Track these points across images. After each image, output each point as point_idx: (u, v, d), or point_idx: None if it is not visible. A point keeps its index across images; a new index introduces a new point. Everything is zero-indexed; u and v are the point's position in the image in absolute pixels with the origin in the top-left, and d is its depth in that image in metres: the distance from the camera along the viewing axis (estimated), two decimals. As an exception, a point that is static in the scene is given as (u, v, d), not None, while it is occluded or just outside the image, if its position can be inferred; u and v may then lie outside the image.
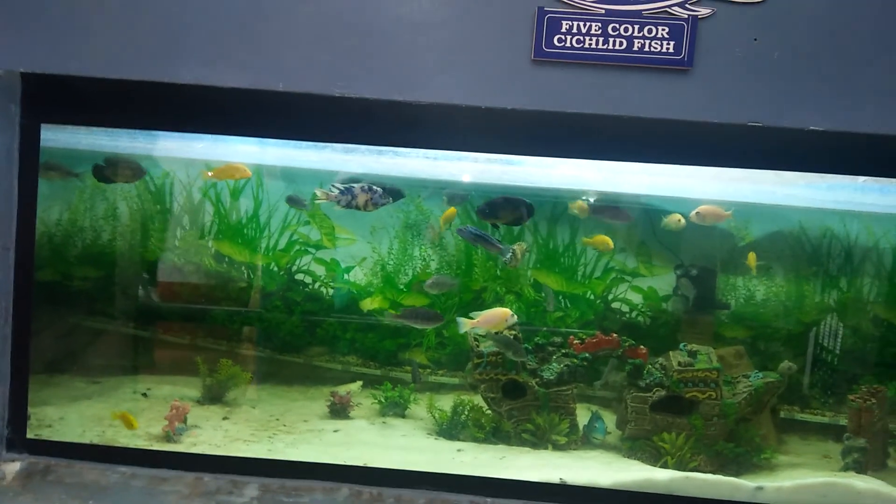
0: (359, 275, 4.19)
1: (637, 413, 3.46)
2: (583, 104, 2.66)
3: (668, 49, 2.60)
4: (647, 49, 2.61)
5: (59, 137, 3.15)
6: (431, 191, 3.96)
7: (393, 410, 3.77)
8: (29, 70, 2.76)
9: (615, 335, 3.62)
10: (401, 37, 2.66)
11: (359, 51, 2.67)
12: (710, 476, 3.21)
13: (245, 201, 4.13)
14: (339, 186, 3.17)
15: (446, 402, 3.66)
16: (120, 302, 4.01)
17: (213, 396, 3.75)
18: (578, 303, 4.17)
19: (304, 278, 4.24)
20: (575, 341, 3.63)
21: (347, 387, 3.88)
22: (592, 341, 3.62)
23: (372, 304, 4.11)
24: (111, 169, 3.66)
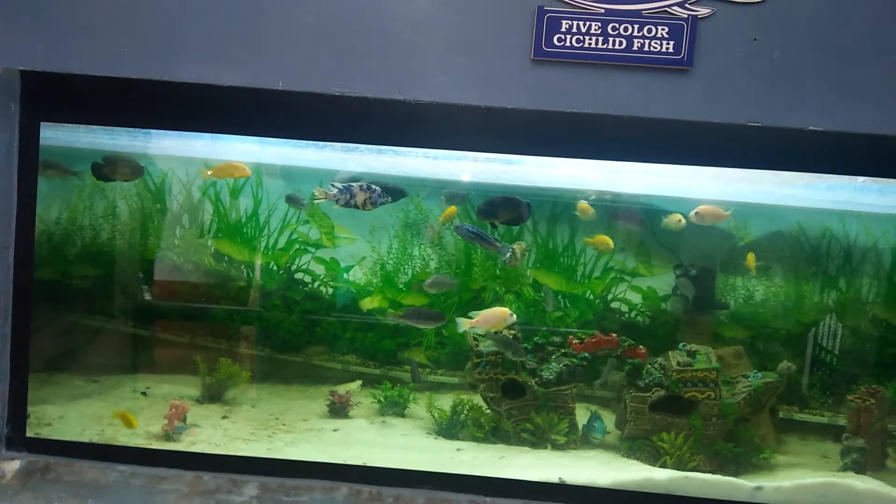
0: (358, 274, 4.18)
1: (636, 413, 3.46)
2: (583, 104, 2.66)
3: (668, 49, 2.60)
4: (647, 49, 2.61)
5: (59, 136, 3.14)
6: (431, 190, 3.95)
7: (392, 410, 3.77)
8: (28, 68, 2.75)
9: (614, 335, 3.62)
10: (400, 36, 2.66)
11: (358, 50, 2.67)
12: (709, 476, 3.21)
13: (244, 200, 4.13)
14: (338, 185, 3.17)
15: (446, 402, 3.66)
16: (119, 300, 4.00)
17: (213, 395, 3.74)
18: (578, 302, 4.16)
19: (304, 277, 4.24)
20: (574, 341, 3.63)
21: (347, 386, 3.88)
22: (592, 341, 3.62)
23: (371, 304, 4.11)
24: (110, 167, 3.64)
